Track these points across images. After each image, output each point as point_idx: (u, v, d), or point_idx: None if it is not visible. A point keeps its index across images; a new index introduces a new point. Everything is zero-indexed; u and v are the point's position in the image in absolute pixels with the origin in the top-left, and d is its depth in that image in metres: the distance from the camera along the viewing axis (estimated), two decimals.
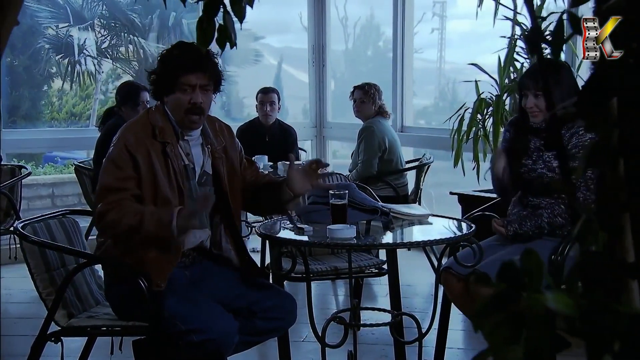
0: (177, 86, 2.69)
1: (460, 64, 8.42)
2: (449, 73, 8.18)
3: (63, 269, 2.94)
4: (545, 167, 3.16)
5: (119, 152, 2.66)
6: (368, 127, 5.18)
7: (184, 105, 2.69)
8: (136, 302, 2.67)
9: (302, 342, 3.88)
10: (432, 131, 6.39)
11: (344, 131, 7.15)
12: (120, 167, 2.64)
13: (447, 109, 10.73)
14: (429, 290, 5.08)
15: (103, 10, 9.52)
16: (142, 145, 2.66)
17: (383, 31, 9.43)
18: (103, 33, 9.61)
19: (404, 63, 6.35)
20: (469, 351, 3.82)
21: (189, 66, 2.67)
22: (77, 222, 3.18)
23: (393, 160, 5.22)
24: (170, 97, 2.73)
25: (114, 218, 2.59)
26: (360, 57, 11.78)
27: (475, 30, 8.32)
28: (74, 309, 2.86)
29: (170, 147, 2.70)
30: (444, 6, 11.51)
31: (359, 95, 5.28)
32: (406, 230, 3.10)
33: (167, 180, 2.68)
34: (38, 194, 6.69)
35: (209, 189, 2.85)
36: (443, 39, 11.16)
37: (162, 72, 2.74)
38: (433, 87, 11.53)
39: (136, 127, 2.74)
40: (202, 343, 2.59)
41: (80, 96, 10.46)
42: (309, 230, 2.99)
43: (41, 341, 2.76)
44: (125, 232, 2.61)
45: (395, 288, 3.47)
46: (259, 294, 2.87)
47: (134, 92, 4.97)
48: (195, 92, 2.69)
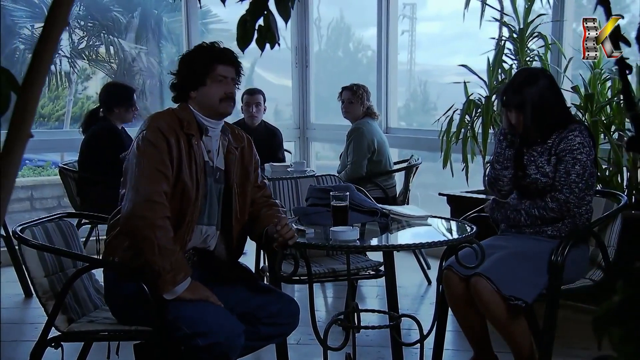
0: (212, 77, 2.76)
1: (430, 65, 8.49)
2: (419, 75, 8.23)
3: (62, 273, 2.90)
4: (539, 173, 3.18)
5: (154, 134, 2.66)
6: (357, 129, 5.17)
7: (219, 94, 2.76)
8: (139, 306, 2.64)
9: (297, 345, 3.86)
10: (417, 132, 6.41)
11: (327, 132, 7.15)
12: (157, 147, 2.63)
13: (418, 110, 10.79)
14: (417, 291, 5.10)
15: (80, 10, 9.39)
16: (172, 132, 2.68)
17: (353, 32, 9.45)
18: (80, 33, 9.47)
19: (388, 65, 6.35)
20: (460, 352, 3.83)
21: (225, 58, 2.78)
22: (74, 226, 3.14)
23: (382, 161, 5.22)
24: (201, 90, 2.78)
25: (143, 232, 2.56)
26: (331, 58, 11.81)
27: (444, 32, 8.37)
28: (73, 314, 2.82)
29: (195, 140, 2.73)
30: (413, 8, 11.57)
31: (347, 96, 5.26)
32: (407, 232, 3.10)
33: (188, 172, 2.69)
34: (17, 196, 6.61)
35: (221, 186, 2.84)
36: (413, 41, 11.22)
37: (194, 66, 2.78)
38: (404, 88, 11.58)
39: (165, 116, 2.76)
40: (208, 347, 2.55)
41: (49, 97, 10.30)
42: (311, 232, 2.97)
43: (41, 347, 2.71)
44: (139, 247, 2.59)
45: (392, 290, 3.47)
46: (262, 298, 2.85)
47: (129, 93, 4.90)
48: (229, 83, 2.79)
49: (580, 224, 3.16)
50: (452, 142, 4.80)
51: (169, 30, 8.85)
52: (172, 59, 8.75)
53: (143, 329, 2.70)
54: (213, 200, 2.81)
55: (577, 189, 3.12)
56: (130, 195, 2.60)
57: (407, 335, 3.81)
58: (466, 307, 3.17)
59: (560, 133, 3.16)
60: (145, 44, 8.96)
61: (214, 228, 2.84)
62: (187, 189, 2.68)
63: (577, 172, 3.10)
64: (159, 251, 2.54)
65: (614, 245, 3.24)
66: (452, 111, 4.85)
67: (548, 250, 3.08)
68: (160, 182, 2.61)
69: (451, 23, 8.30)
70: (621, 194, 3.36)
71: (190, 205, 2.69)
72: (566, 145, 3.12)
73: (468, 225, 3.06)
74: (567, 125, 3.17)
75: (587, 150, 3.11)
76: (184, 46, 6.75)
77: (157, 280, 2.56)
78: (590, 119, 4.29)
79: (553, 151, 3.16)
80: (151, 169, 2.61)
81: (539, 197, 3.19)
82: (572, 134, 3.13)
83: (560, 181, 3.12)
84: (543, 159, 3.18)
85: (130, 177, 2.65)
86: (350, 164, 5.15)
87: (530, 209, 3.18)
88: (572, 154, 3.10)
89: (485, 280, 2.98)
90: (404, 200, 5.14)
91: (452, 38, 8.24)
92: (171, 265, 2.55)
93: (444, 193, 4.92)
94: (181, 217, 2.68)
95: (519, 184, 3.25)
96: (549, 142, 3.18)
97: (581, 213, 3.16)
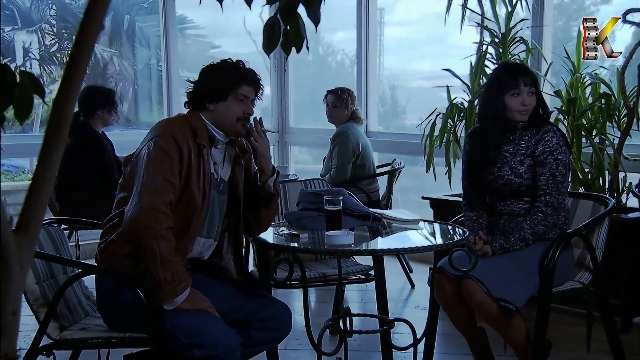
0: (235, 95, 2.74)
1: (397, 69, 8.56)
2: (387, 79, 8.28)
3: (52, 280, 2.86)
4: (513, 174, 3.19)
5: (168, 142, 2.62)
6: (342, 132, 5.18)
7: (238, 113, 2.75)
8: (135, 314, 2.60)
9: (285, 350, 3.84)
10: (396, 136, 6.43)
11: (305, 136, 7.14)
12: (169, 156, 2.60)
13: (388, 113, 10.84)
14: (400, 294, 5.11)
15: (51, 13, 9.28)
16: (185, 141, 2.66)
17: (322, 36, 9.49)
18: (52, 37, 9.36)
19: (368, 69, 6.37)
20: (450, 356, 3.85)
21: (251, 79, 2.77)
22: (63, 232, 3.09)
23: (366, 165, 5.22)
24: (220, 105, 2.75)
25: (146, 241, 2.52)
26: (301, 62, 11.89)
27: (412, 36, 8.43)
28: (65, 321, 2.78)
29: (206, 151, 2.71)
30: (382, 13, 11.65)
31: (331, 99, 5.26)
32: (399, 236, 3.10)
33: (196, 181, 2.66)
34: None
35: (225, 197, 2.83)
36: (381, 45, 11.28)
37: (218, 80, 2.76)
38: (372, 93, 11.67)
39: (178, 124, 2.73)
40: (205, 359, 2.53)
41: None
42: (304, 237, 2.97)
43: (33, 355, 2.67)
44: (140, 256, 2.56)
45: (382, 294, 3.47)
46: (255, 304, 2.84)
47: (110, 95, 4.85)
48: (249, 104, 2.78)
49: (560, 223, 3.19)
50: (436, 146, 4.83)
51: (143, 34, 8.78)
52: (146, 63, 8.69)
53: (137, 336, 2.67)
54: (215, 212, 2.79)
55: (564, 188, 3.18)
56: (135, 201, 2.56)
57: (395, 340, 3.81)
58: (458, 306, 3.16)
59: (534, 135, 3.18)
60: (119, 47, 8.87)
61: (212, 240, 2.83)
62: (194, 200, 2.66)
63: (561, 173, 3.14)
64: (161, 262, 2.51)
65: (602, 247, 3.28)
66: (435, 115, 4.88)
67: (536, 252, 3.11)
68: (168, 192, 2.58)
69: (419, 28, 8.33)
70: (609, 197, 3.41)
71: (196, 216, 2.68)
72: (545, 147, 3.14)
73: (460, 228, 3.07)
74: (539, 125, 3.20)
75: (564, 149, 3.16)
76: (162, 50, 6.69)
77: (157, 291, 2.53)
78: (572, 122, 4.34)
79: (529, 152, 3.18)
80: (160, 178, 2.58)
81: (513, 198, 3.20)
82: (548, 136, 3.16)
83: (548, 184, 3.14)
84: (516, 160, 3.20)
85: (136, 182, 2.60)
86: (335, 168, 5.15)
87: (535, 228, 3.13)
88: (552, 155, 3.13)
89: (476, 282, 2.99)
90: (387, 204, 5.15)
91: (421, 43, 8.28)
92: (172, 277, 2.52)
93: (427, 197, 4.93)
94: (185, 227, 2.66)
95: (490, 187, 3.26)
96: (522, 143, 3.20)
97: (565, 213, 3.21)
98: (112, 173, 4.69)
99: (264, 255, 3.20)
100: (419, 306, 4.76)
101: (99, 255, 2.72)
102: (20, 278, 1.05)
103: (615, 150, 4.28)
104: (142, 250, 2.53)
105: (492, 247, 3.12)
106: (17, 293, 1.05)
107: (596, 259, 3.20)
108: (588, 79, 4.46)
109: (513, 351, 3.15)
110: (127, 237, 2.59)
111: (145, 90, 8.50)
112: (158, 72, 7.73)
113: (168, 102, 6.75)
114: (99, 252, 2.72)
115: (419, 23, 8.13)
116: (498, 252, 3.11)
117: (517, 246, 3.12)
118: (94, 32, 1.07)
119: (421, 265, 5.50)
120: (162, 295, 2.53)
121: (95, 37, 1.07)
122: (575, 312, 4.25)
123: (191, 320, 2.55)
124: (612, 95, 4.30)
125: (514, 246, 3.12)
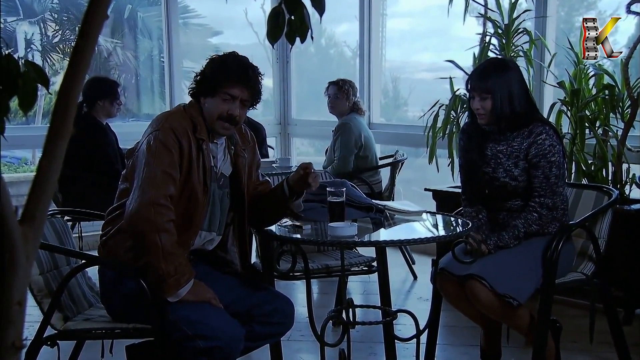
0: (220, 93, 2.69)
1: (399, 61, 8.53)
2: (389, 71, 8.26)
3: (56, 270, 2.86)
4: (508, 176, 3.17)
5: (167, 135, 2.60)
6: (345, 124, 5.17)
7: (220, 112, 2.69)
8: (139, 305, 2.61)
9: (288, 341, 3.84)
10: (398, 128, 6.43)
11: (307, 128, 7.14)
12: (169, 149, 2.59)
13: (391, 105, 10.83)
14: (402, 286, 5.11)
15: (53, 3, 9.28)
16: (185, 135, 2.64)
17: (325, 28, 9.47)
18: (54, 27, 9.35)
19: (370, 60, 6.36)
20: (452, 347, 3.85)
21: (236, 78, 2.68)
22: (66, 223, 3.10)
23: (368, 157, 5.22)
24: (208, 100, 2.71)
25: (148, 235, 2.51)
26: (303, 54, 11.90)
27: (415, 28, 8.41)
28: (68, 312, 2.78)
29: (205, 145, 2.69)
30: (384, 4, 11.65)
31: (333, 91, 5.25)
32: (402, 227, 3.10)
33: (197, 175, 2.66)
34: None
35: (226, 191, 2.82)
36: (384, 37, 11.26)
37: (208, 75, 2.72)
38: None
39: (178, 117, 2.70)
40: (208, 350, 2.53)
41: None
42: (307, 228, 2.96)
43: (37, 345, 2.67)
44: (142, 249, 2.56)
45: (385, 285, 3.47)
46: (258, 297, 2.83)
47: (113, 86, 4.84)
48: (235, 104, 2.70)
49: (559, 216, 3.18)
50: (438, 138, 4.82)
51: (145, 24, 8.77)
52: (149, 53, 8.68)
53: (141, 327, 2.67)
54: (216, 206, 2.78)
55: (559, 187, 3.15)
56: (136, 195, 2.56)
57: (398, 331, 3.81)
58: (466, 303, 3.16)
59: (527, 137, 3.15)
60: (121, 38, 8.86)
61: (214, 234, 2.82)
62: (195, 194, 2.65)
63: (555, 174, 3.12)
64: (164, 256, 2.51)
65: (605, 237, 3.27)
66: (438, 107, 4.88)
67: (538, 246, 3.10)
68: (168, 185, 2.57)
69: (422, 20, 8.30)
70: (612, 189, 3.40)
71: (198, 209, 2.67)
72: (538, 150, 3.11)
73: (462, 220, 3.07)
74: (529, 124, 3.16)
75: (557, 149, 3.13)
76: (164, 41, 6.68)
77: (160, 284, 2.53)
78: (576, 113, 4.33)
79: (522, 156, 3.15)
80: (160, 171, 2.57)
81: (510, 197, 3.19)
82: (540, 138, 3.12)
83: (542, 186, 3.12)
84: (510, 162, 3.17)
85: (137, 175, 2.60)
86: (337, 160, 5.14)
87: (529, 228, 3.12)
88: (545, 158, 3.10)
89: (480, 282, 2.98)
90: (389, 195, 5.15)
91: (423, 35, 8.26)
92: (175, 270, 2.52)
93: (429, 188, 4.93)
94: (187, 221, 2.66)
95: (486, 186, 3.25)
96: (515, 145, 3.17)
97: (562, 207, 3.20)
98: (114, 165, 4.69)
99: (267, 246, 3.20)
100: (422, 297, 4.76)
101: (102, 248, 2.73)
102: (26, 269, 1.05)
103: (618, 142, 4.27)
104: (144, 244, 2.53)
105: (487, 245, 3.11)
106: (23, 284, 1.05)
107: (599, 250, 3.20)
108: (592, 70, 4.45)
109: (517, 332, 3.16)
110: (129, 230, 2.58)
111: (148, 82, 8.50)
112: (160, 64, 7.73)
113: (170, 94, 6.74)
114: (102, 244, 2.73)
115: (421, 15, 8.10)
116: (493, 251, 3.11)
117: (510, 244, 3.12)
118: (98, 21, 1.06)
119: (424, 257, 5.51)
120: (165, 288, 2.53)
121: (100, 27, 1.07)
122: (578, 304, 4.25)
123: (195, 311, 2.55)
124: (616, 87, 4.29)
125: (507, 245, 3.11)
